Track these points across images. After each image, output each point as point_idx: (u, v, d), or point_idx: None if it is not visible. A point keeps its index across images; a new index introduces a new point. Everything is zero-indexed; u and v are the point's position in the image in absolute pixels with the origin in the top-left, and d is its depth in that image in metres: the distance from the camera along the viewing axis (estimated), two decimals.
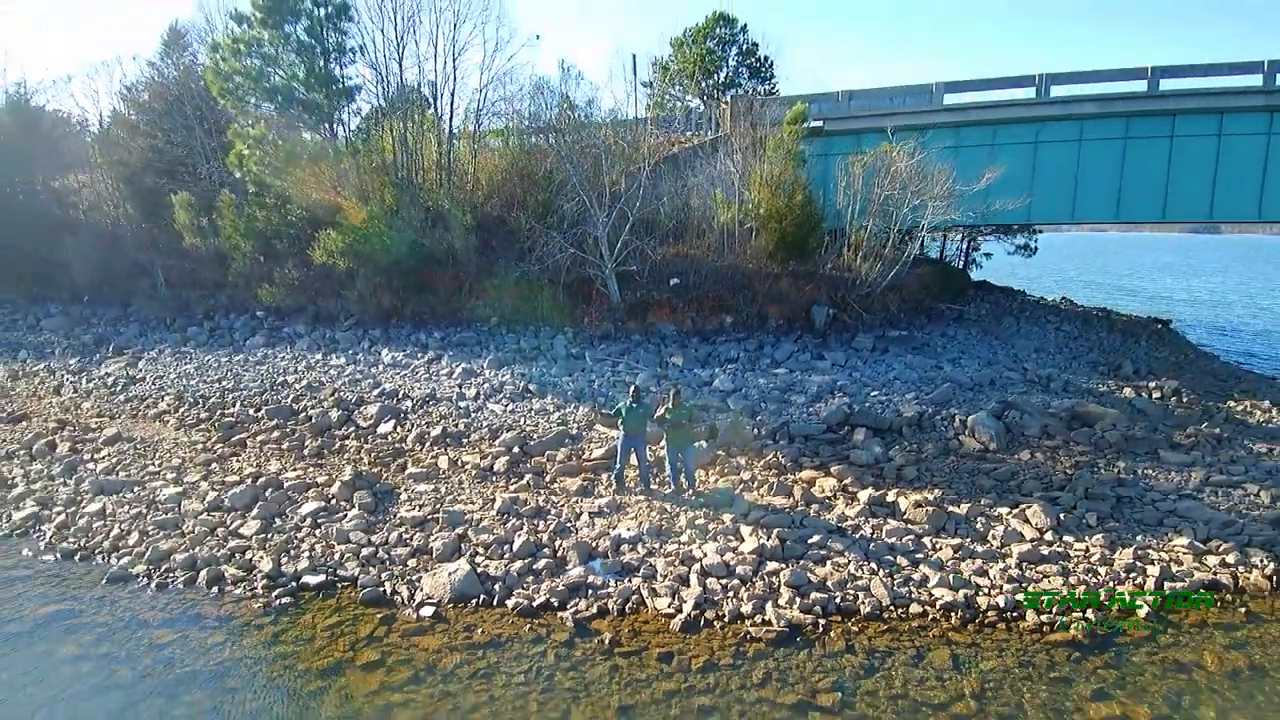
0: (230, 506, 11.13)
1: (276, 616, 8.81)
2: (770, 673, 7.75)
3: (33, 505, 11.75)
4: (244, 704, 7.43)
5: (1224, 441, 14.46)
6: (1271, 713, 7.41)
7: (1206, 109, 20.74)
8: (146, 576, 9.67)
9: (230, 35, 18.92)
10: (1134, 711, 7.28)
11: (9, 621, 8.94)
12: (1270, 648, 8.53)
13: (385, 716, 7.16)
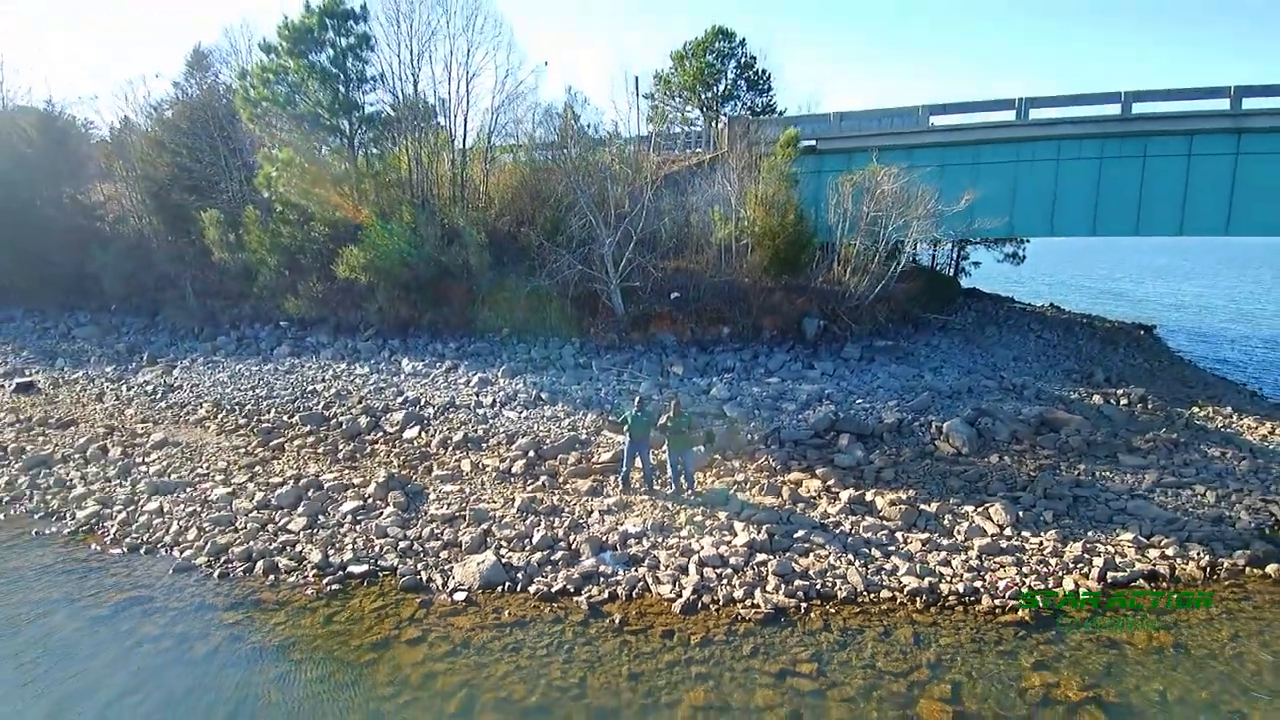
0: (277, 505, 12.42)
1: (328, 601, 10.10)
2: (758, 647, 9.03)
3: (94, 505, 13.04)
4: (308, 672, 8.72)
5: (1180, 446, 15.74)
6: (1186, 680, 8.68)
7: (1177, 131, 22.02)
8: (209, 567, 10.96)
9: (259, 64, 20.23)
10: (1067, 680, 8.56)
11: (93, 607, 10.22)
12: (1195, 629, 9.80)
13: (430, 683, 8.44)
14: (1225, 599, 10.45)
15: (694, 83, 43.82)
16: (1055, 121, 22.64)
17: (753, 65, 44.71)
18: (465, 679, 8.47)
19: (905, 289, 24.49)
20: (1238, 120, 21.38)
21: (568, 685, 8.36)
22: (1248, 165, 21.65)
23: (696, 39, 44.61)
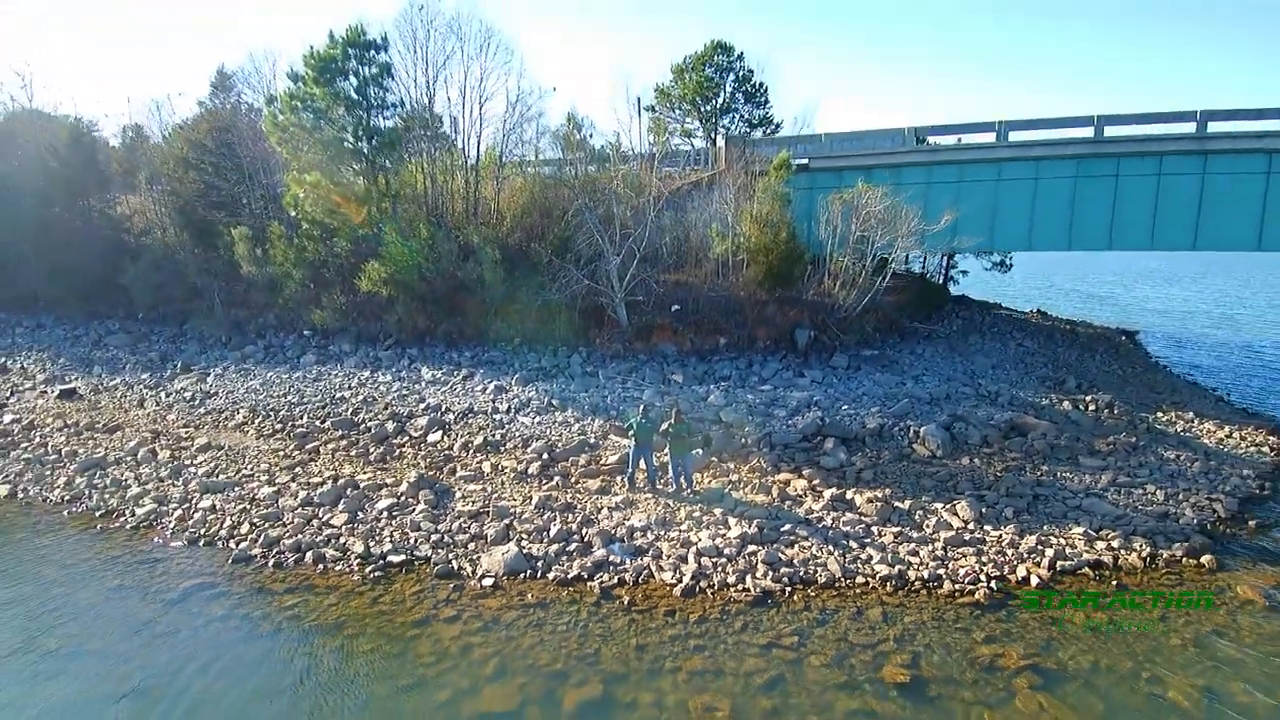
0: (319, 502, 13.86)
1: (373, 585, 11.53)
2: (747, 624, 10.48)
3: (151, 503, 14.47)
4: (361, 645, 10.15)
5: (1138, 449, 17.19)
6: (1115, 653, 10.11)
7: (1147, 152, 23.47)
8: (263, 557, 12.39)
9: (287, 92, 21.66)
10: (1011, 651, 9.99)
11: (166, 591, 11.65)
12: (1129, 610, 11.24)
13: (468, 653, 9.87)
14: (1160, 585, 11.90)
15: (693, 95, 45.26)
16: (1032, 143, 24.08)
17: (750, 78, 46.10)
18: (497, 649, 9.90)
19: (893, 299, 25.99)
20: (1203, 142, 22.83)
21: (584, 655, 9.80)
22: (1213, 184, 23.11)
23: (696, 53, 46.04)
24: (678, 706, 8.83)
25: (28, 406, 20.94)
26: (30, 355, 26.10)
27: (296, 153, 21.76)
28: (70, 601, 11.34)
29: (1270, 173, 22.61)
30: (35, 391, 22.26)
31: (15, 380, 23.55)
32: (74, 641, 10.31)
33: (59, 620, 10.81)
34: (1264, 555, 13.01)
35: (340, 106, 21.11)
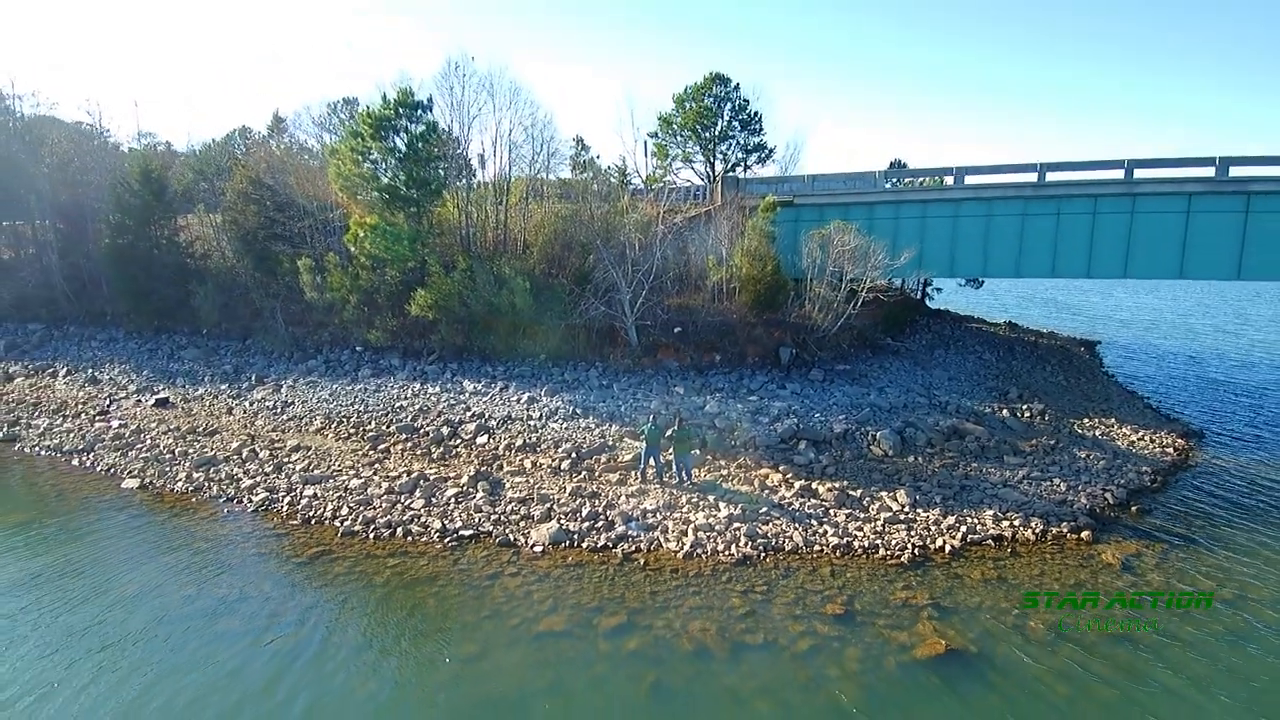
0: (400, 491, 17.71)
1: (451, 551, 15.39)
2: (731, 578, 14.32)
3: (263, 492, 18.33)
4: (450, 591, 13.99)
5: (1055, 449, 21.04)
6: (997, 596, 13.92)
7: (1083, 194, 27.27)
8: (364, 532, 16.24)
9: (348, 145, 25.51)
10: (919, 593, 13.82)
11: (291, 558, 15.49)
12: (1017, 569, 15.06)
13: (529, 596, 13.71)
14: (1045, 553, 15.72)
15: (693, 123, 49.14)
16: (985, 186, 27.89)
17: (746, 107, 49.97)
18: (549, 593, 13.75)
19: (870, 317, 29.78)
20: (1130, 187, 26.63)
21: (612, 597, 13.64)
22: (1141, 221, 26.90)
23: (695, 84, 49.92)
24: (680, 629, 12.68)
25: (130, 414, 24.85)
26: (114, 367, 29.99)
27: (356, 198, 25.61)
28: (225, 565, 15.20)
29: (1190, 212, 26.40)
30: (131, 400, 26.16)
31: (110, 391, 27.46)
32: (238, 591, 14.16)
33: (223, 577, 14.66)
34: (1134, 533, 16.85)
35: (393, 159, 24.95)
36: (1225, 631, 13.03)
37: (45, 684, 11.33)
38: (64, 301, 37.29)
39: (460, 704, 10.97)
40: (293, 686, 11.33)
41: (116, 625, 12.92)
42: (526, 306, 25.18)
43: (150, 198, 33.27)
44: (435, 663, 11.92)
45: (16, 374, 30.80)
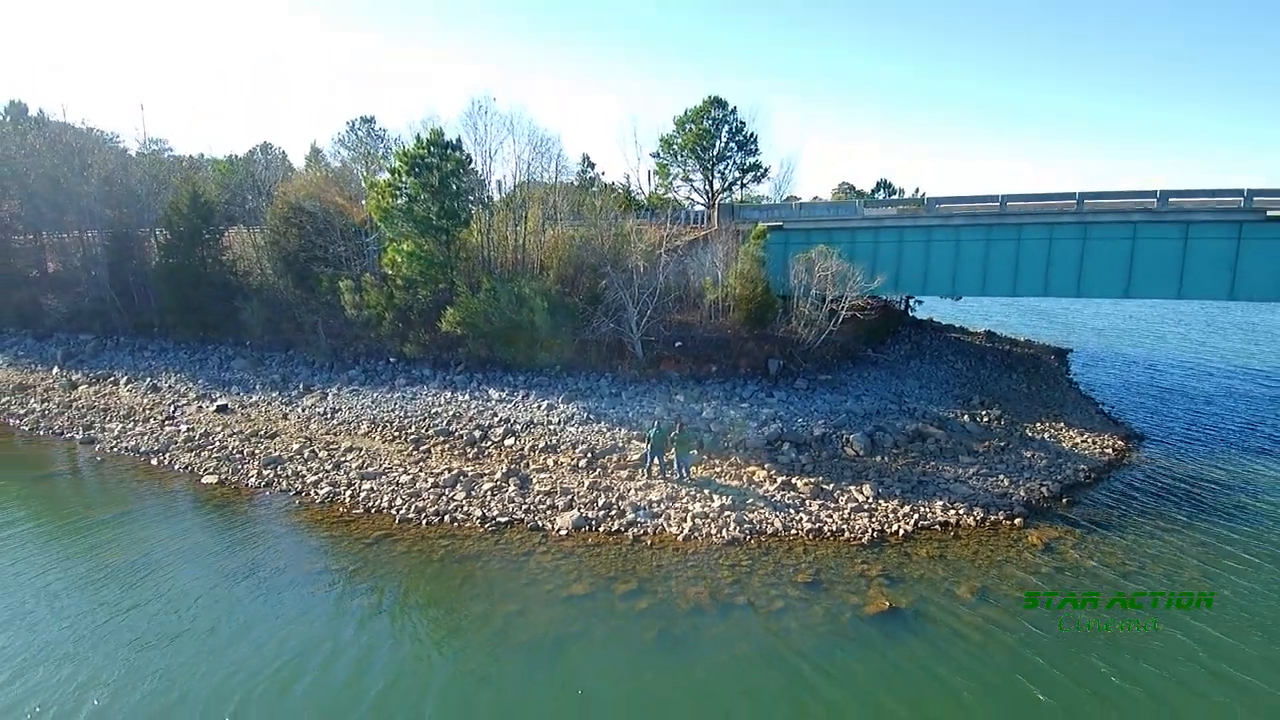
0: (444, 485, 21.00)
1: (491, 535, 18.67)
2: (721, 555, 17.60)
3: (327, 487, 21.61)
4: (493, 565, 17.27)
5: (1005, 450, 24.28)
6: (940, 570, 17.17)
7: (1040, 222, 30.49)
8: (418, 519, 19.52)
9: (386, 181, 28.81)
10: (874, 566, 17.09)
11: (363, 538, 18.76)
12: (957, 548, 18.30)
13: (559, 567, 16.97)
14: (982, 537, 18.97)
15: (693, 144, 52.45)
16: (953, 214, 31.12)
17: (742, 129, 53.31)
18: (574, 566, 17.03)
19: (852, 329, 32.94)
20: (1082, 216, 29.86)
21: (625, 569, 16.91)
22: (1091, 247, 30.11)
23: (695, 107, 53.26)
24: (680, 593, 15.94)
25: (195, 419, 28.15)
26: (170, 376, 33.31)
27: (394, 227, 28.91)
28: (304, 546, 18.50)
29: (1135, 238, 29.61)
30: (194, 407, 29.46)
31: (171, 398, 30.77)
32: (320, 565, 17.44)
33: (304, 555, 17.94)
34: (1061, 521, 20.09)
35: (427, 194, 28.22)
36: (1115, 594, 16.28)
37: (204, 620, 14.63)
38: (114, 313, 40.59)
39: (510, 647, 14.24)
40: (374, 635, 14.64)
41: (226, 591, 16.24)
42: (544, 323, 28.44)
43: (199, 221, 36.56)
44: (488, 617, 15.21)
45: (79, 382, 34.13)
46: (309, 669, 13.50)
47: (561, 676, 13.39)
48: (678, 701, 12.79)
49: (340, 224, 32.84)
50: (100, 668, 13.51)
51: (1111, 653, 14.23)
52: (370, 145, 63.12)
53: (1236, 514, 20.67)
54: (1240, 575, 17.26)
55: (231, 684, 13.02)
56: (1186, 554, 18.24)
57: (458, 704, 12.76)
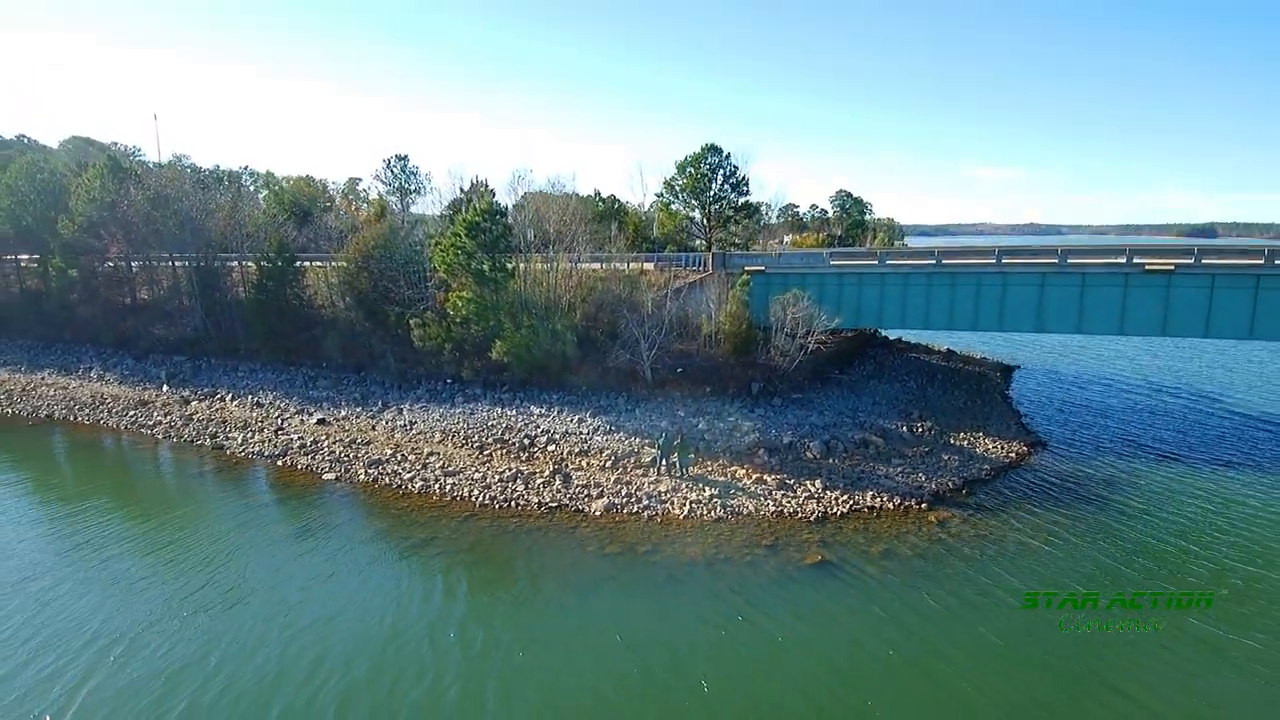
0: (508, 480, 28.66)
1: (546, 515, 26.34)
2: (709, 529, 25.27)
3: (420, 482, 29.27)
4: (553, 537, 24.93)
5: (930, 454, 31.87)
6: (860, 538, 24.76)
7: (970, 273, 38.08)
8: (492, 505, 27.17)
9: (450, 239, 36.47)
10: (814, 536, 24.73)
11: (454, 517, 26.41)
12: (877, 524, 25.90)
13: (596, 537, 24.60)
14: (896, 516, 26.56)
15: (692, 186, 60.13)
16: (900, 265, 38.75)
17: (735, 173, 61.00)
18: (608, 536, 24.67)
19: (824, 352, 40.54)
20: (1002, 269, 37.46)
21: (644, 538, 24.56)
22: (1010, 292, 37.70)
23: (694, 153, 60.95)
24: (681, 553, 23.56)
25: (301, 430, 35.82)
26: (267, 394, 40.98)
27: (454, 277, 36.56)
28: (413, 522, 26.15)
29: (1043, 286, 37.17)
30: (296, 420, 37.14)
31: (274, 413, 38.44)
32: (429, 535, 25.08)
33: (414, 530, 25.58)
34: (957, 506, 27.65)
35: (482, 251, 35.88)
36: (976, 561, 23.86)
37: (361, 562, 22.30)
38: (205, 338, 48.32)
39: (568, 586, 21.86)
40: (475, 579, 22.34)
41: (365, 557, 23.92)
42: (574, 353, 36.10)
43: (284, 264, 44.30)
44: (551, 567, 22.87)
45: (190, 399, 41.86)
46: (438, 594, 21.20)
47: (605, 602, 21.03)
48: (679, 615, 20.40)
49: (405, 271, 40.53)
50: (308, 598, 21.21)
51: (931, 584, 21.85)
52: (404, 180, 71.26)
53: (1090, 504, 28.25)
54: (1073, 551, 24.84)
55: (398, 596, 20.72)
56: (1040, 530, 25.81)
57: (539, 620, 20.40)
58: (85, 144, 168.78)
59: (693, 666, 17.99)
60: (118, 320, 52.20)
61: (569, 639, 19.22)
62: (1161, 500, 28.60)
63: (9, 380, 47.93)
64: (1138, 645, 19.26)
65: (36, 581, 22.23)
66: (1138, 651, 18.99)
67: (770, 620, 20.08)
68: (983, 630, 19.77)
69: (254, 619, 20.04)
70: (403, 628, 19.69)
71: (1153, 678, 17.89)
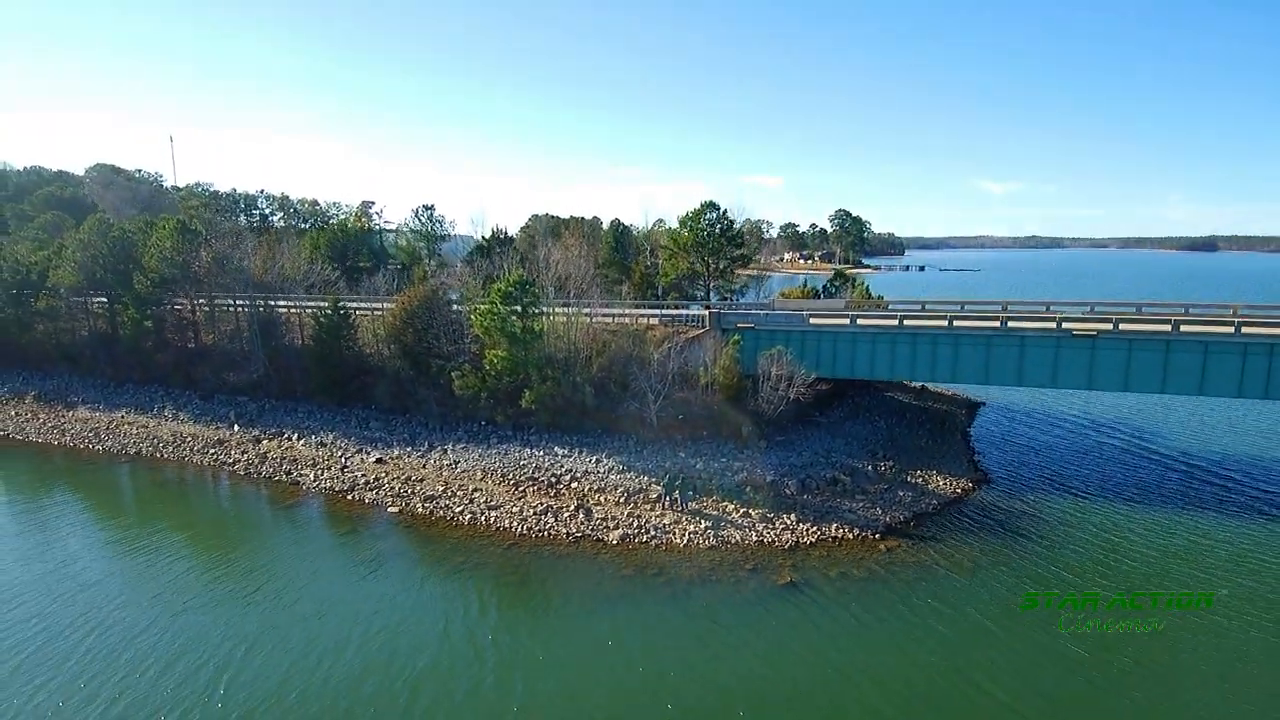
0: (540, 513, 35.34)
1: (573, 545, 33.00)
2: (704, 555, 31.92)
3: (468, 514, 35.99)
4: (580, 562, 31.58)
5: (888, 490, 38.48)
6: (825, 562, 31.35)
7: (927, 333, 44.79)
8: (530, 535, 33.84)
9: (488, 306, 43.38)
10: (786, 561, 31.32)
11: (498, 545, 33.10)
12: (838, 551, 32.49)
13: (614, 561, 31.24)
14: (854, 545, 33.15)
15: (693, 240, 67.12)
16: (868, 325, 45.51)
17: (730, 227, 68.00)
18: (623, 561, 31.31)
19: (806, 395, 47.18)
20: (954, 332, 44.16)
21: (652, 563, 31.18)
22: (961, 350, 44.37)
23: (694, 209, 68.02)
24: (681, 574, 30.18)
25: (363, 468, 42.57)
26: (327, 434, 47.77)
27: (490, 336, 43.43)
28: (466, 550, 32.82)
29: (989, 346, 43.82)
30: (357, 459, 43.90)
31: (336, 452, 45.20)
32: (477, 559, 31.74)
33: (468, 555, 32.24)
34: (905, 536, 34.22)
35: (515, 316, 42.74)
36: (913, 583, 30.40)
37: (425, 584, 28.96)
38: (267, 381, 55.19)
39: (592, 599, 28.46)
40: (516, 595, 29.01)
41: (433, 570, 30.59)
42: (591, 402, 42.84)
43: (340, 319, 51.25)
44: (578, 588, 29.49)
45: (260, 438, 48.66)
46: (493, 609, 27.90)
47: (621, 614, 27.63)
48: (679, 622, 26.96)
49: (445, 331, 47.40)
50: (380, 609, 27.88)
51: (875, 601, 28.43)
52: (431, 228, 78.29)
53: (1009, 536, 34.79)
54: (985, 579, 31.36)
55: (457, 610, 27.38)
56: (963, 559, 32.35)
57: (567, 629, 27.01)
58: (111, 171, 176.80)
59: (689, 663, 24.61)
60: (185, 363, 59.11)
61: (593, 643, 25.84)
62: (1066, 533, 35.11)
63: (93, 418, 54.83)
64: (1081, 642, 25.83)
65: (171, 599, 28.89)
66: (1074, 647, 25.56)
67: (748, 629, 26.65)
68: (904, 638, 26.35)
69: (340, 626, 26.67)
70: (454, 634, 26.34)
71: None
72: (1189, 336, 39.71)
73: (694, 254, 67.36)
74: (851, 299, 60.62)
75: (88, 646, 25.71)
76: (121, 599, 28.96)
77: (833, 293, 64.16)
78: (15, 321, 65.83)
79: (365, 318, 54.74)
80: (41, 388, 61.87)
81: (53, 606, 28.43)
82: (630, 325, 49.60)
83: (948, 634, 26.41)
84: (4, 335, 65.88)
